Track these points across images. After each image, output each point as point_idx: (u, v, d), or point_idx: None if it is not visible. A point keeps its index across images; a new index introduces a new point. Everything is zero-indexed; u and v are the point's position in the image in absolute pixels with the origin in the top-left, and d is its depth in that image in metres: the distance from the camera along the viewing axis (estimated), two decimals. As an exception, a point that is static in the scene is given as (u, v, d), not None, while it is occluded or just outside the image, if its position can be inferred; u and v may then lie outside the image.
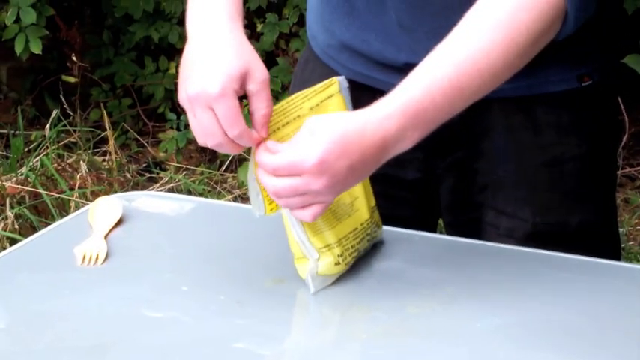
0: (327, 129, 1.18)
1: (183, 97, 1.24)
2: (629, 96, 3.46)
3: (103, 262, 1.35)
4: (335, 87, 1.30)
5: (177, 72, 4.17)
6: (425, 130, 1.22)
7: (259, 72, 1.25)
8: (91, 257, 1.35)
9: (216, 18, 1.30)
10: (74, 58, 4.16)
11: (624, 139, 3.76)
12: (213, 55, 1.24)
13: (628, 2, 3.44)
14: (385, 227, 1.40)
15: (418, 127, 1.21)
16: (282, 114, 1.26)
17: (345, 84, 1.31)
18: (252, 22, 4.09)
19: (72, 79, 4.22)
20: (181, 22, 4.14)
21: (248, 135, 1.23)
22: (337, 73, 1.50)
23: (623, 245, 3.21)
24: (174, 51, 4.23)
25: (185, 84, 1.24)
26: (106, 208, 1.48)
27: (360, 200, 1.32)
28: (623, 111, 3.53)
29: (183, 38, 4.10)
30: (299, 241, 1.26)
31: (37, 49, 3.74)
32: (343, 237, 1.28)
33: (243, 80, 1.23)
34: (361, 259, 1.33)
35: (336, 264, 1.27)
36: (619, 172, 3.71)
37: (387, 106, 1.20)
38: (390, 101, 1.21)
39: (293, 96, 1.27)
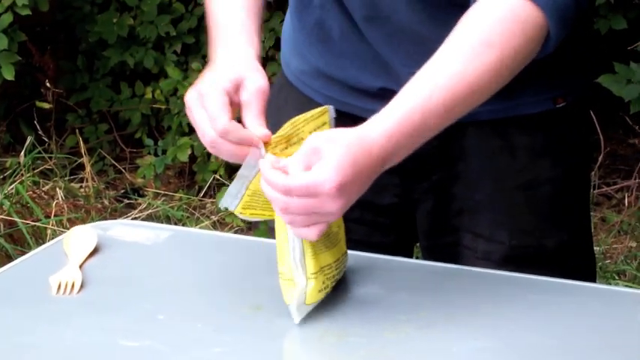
0: (338, 150, 1.17)
1: (186, 102, 1.30)
2: (604, 115, 3.49)
3: (78, 292, 1.34)
4: (326, 116, 1.30)
5: (153, 97, 4.19)
6: (413, 148, 1.24)
7: (253, 82, 1.28)
8: (66, 286, 1.35)
9: (231, 42, 1.36)
10: (48, 84, 4.14)
11: (600, 158, 3.78)
12: (212, 69, 1.32)
13: (601, 22, 3.47)
14: (361, 253, 1.40)
15: (409, 147, 1.23)
16: (284, 138, 1.26)
17: (333, 114, 1.31)
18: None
19: (46, 105, 4.20)
20: (156, 46, 4.14)
21: (235, 131, 1.23)
22: (311, 100, 1.51)
23: (600, 264, 3.23)
24: (149, 76, 4.23)
25: (186, 95, 1.31)
26: (81, 237, 1.47)
27: (342, 230, 1.32)
28: (599, 130, 3.56)
29: (158, 63, 4.12)
30: (292, 263, 1.25)
31: (9, 75, 3.72)
32: (326, 265, 1.28)
33: (236, 88, 1.28)
34: (338, 285, 1.33)
35: (319, 291, 1.27)
36: (595, 191, 3.73)
37: (386, 124, 1.21)
38: (387, 119, 1.21)
39: (293, 120, 1.27)
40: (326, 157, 1.17)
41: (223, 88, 1.27)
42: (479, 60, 1.24)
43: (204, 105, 1.26)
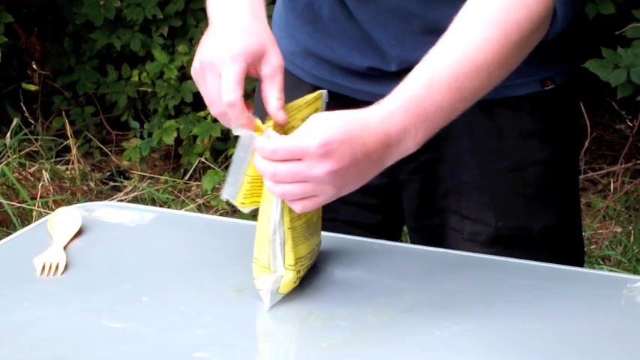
0: (329, 120, 1.17)
1: (196, 65, 1.26)
2: (591, 100, 3.50)
3: (62, 273, 1.34)
4: (320, 102, 1.29)
5: (140, 80, 4.19)
6: (428, 131, 1.22)
7: (275, 57, 1.26)
8: (50, 268, 1.35)
9: (238, 6, 1.32)
10: (34, 66, 4.13)
11: (586, 143, 3.79)
12: (232, 32, 1.27)
13: (589, 7, 3.47)
14: (346, 236, 1.40)
15: (421, 127, 1.21)
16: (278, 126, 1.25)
17: (326, 99, 1.31)
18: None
19: (32, 87, 4.19)
20: (143, 29, 4.13)
21: (240, 107, 1.22)
22: (300, 81, 1.51)
23: (585, 249, 3.23)
24: (136, 59, 4.22)
25: (199, 53, 1.26)
26: (66, 218, 1.47)
27: (320, 220, 1.32)
28: (585, 115, 3.56)
29: (145, 46, 4.10)
30: (272, 252, 1.25)
31: (-5, 56, 3.71)
32: (303, 257, 1.28)
33: (257, 60, 1.25)
34: (321, 269, 1.33)
35: (293, 282, 1.27)
36: (581, 177, 3.74)
37: (389, 104, 1.20)
38: (391, 99, 1.21)
39: (287, 106, 1.26)
40: (315, 125, 1.17)
41: (244, 61, 1.24)
42: (481, 37, 1.24)
43: (221, 73, 1.23)
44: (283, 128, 1.24)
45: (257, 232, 1.27)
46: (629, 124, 3.89)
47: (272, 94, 1.25)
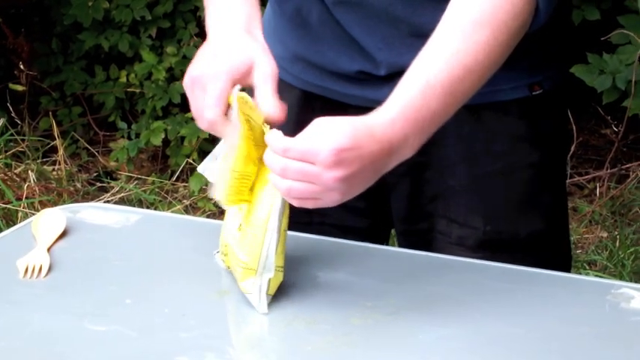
0: (339, 126, 1.18)
1: (186, 80, 1.29)
2: (577, 105, 3.51)
3: (45, 275, 1.33)
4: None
5: (127, 80, 4.18)
6: (423, 136, 1.24)
7: (265, 65, 1.28)
8: (33, 270, 1.34)
9: (231, 21, 1.34)
10: (21, 66, 4.12)
11: (572, 148, 3.80)
12: (220, 49, 1.30)
13: (575, 13, 3.49)
14: (330, 239, 1.40)
15: (418, 134, 1.23)
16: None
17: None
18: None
19: (20, 88, 4.18)
20: (131, 30, 4.12)
21: (220, 124, 1.24)
22: (290, 86, 1.51)
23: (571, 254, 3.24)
24: (124, 59, 4.21)
25: (190, 69, 1.29)
26: (50, 219, 1.47)
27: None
28: (572, 120, 3.57)
29: (133, 47, 4.10)
30: (264, 253, 1.25)
31: (-18, 56, 3.70)
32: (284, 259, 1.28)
33: (246, 73, 1.27)
34: (306, 271, 1.33)
35: (279, 283, 1.27)
36: (567, 181, 3.74)
37: (389, 112, 1.21)
38: (390, 107, 1.22)
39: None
40: (326, 129, 1.18)
41: (229, 77, 1.26)
42: (472, 40, 1.25)
43: (206, 89, 1.26)
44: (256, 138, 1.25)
45: (241, 235, 1.27)
46: (615, 129, 3.90)
47: (264, 101, 1.25)
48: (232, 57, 1.28)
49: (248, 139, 1.24)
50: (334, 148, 1.16)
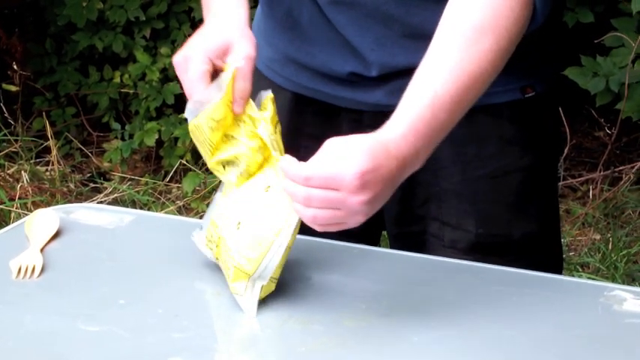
0: (356, 148, 1.17)
1: (178, 58, 1.32)
2: (571, 107, 3.51)
3: (38, 276, 1.33)
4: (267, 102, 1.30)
5: (121, 81, 4.17)
6: (432, 148, 1.25)
7: (242, 49, 1.29)
8: (26, 270, 1.34)
9: (219, 7, 1.37)
10: (15, 67, 4.11)
11: (565, 151, 3.80)
12: (204, 32, 1.33)
13: (568, 16, 3.49)
14: (324, 240, 1.40)
15: (427, 146, 1.24)
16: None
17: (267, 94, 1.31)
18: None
19: (13, 88, 4.17)
20: (125, 31, 4.12)
21: (206, 82, 1.27)
22: (281, 88, 1.51)
23: (564, 256, 3.24)
24: (118, 60, 4.21)
25: (182, 49, 1.33)
26: (43, 220, 1.47)
27: None
28: (565, 122, 3.58)
29: (127, 47, 4.09)
30: (265, 263, 1.24)
31: (-24, 57, 3.69)
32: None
33: (222, 55, 1.29)
34: (299, 273, 1.33)
35: (269, 290, 1.27)
36: (560, 183, 3.75)
37: (399, 127, 1.21)
38: (399, 122, 1.22)
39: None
40: (345, 153, 1.17)
41: (206, 55, 1.28)
42: (475, 48, 1.25)
43: (187, 69, 1.29)
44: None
45: (241, 235, 1.26)
46: (608, 131, 3.91)
47: (235, 85, 1.27)
48: (211, 39, 1.31)
49: (226, 106, 1.27)
50: (357, 172, 1.15)
